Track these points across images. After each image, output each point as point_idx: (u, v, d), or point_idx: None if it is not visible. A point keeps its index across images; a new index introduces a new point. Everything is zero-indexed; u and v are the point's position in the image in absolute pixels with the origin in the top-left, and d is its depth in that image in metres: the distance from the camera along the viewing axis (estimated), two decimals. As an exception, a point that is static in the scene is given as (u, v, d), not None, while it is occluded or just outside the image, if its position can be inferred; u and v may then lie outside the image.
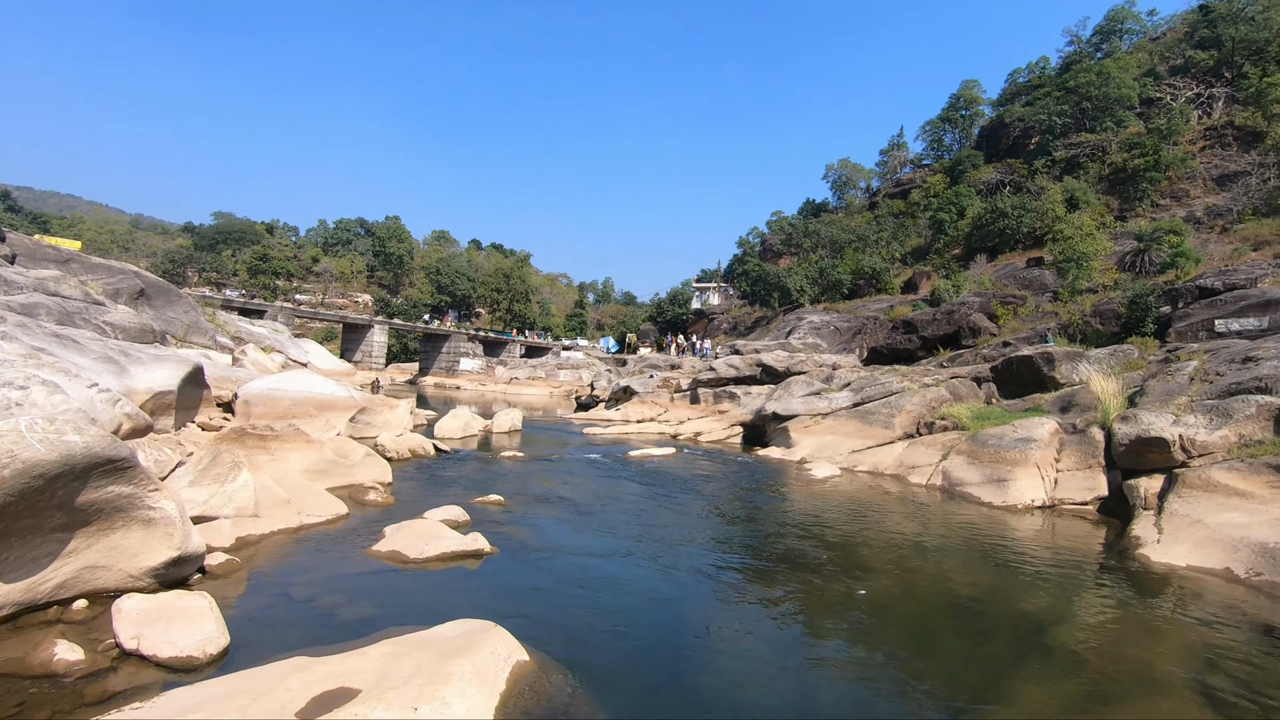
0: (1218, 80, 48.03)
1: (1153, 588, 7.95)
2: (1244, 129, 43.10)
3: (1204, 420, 11.51)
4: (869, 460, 15.96)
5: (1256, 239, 33.73)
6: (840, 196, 74.67)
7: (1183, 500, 9.80)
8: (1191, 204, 41.06)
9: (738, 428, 21.77)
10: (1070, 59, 61.12)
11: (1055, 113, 50.86)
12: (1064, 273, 34.99)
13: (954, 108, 67.56)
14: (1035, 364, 19.47)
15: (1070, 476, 12.44)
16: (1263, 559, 7.50)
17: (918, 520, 11.28)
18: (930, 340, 33.09)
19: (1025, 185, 48.49)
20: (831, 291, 45.44)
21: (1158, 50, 55.26)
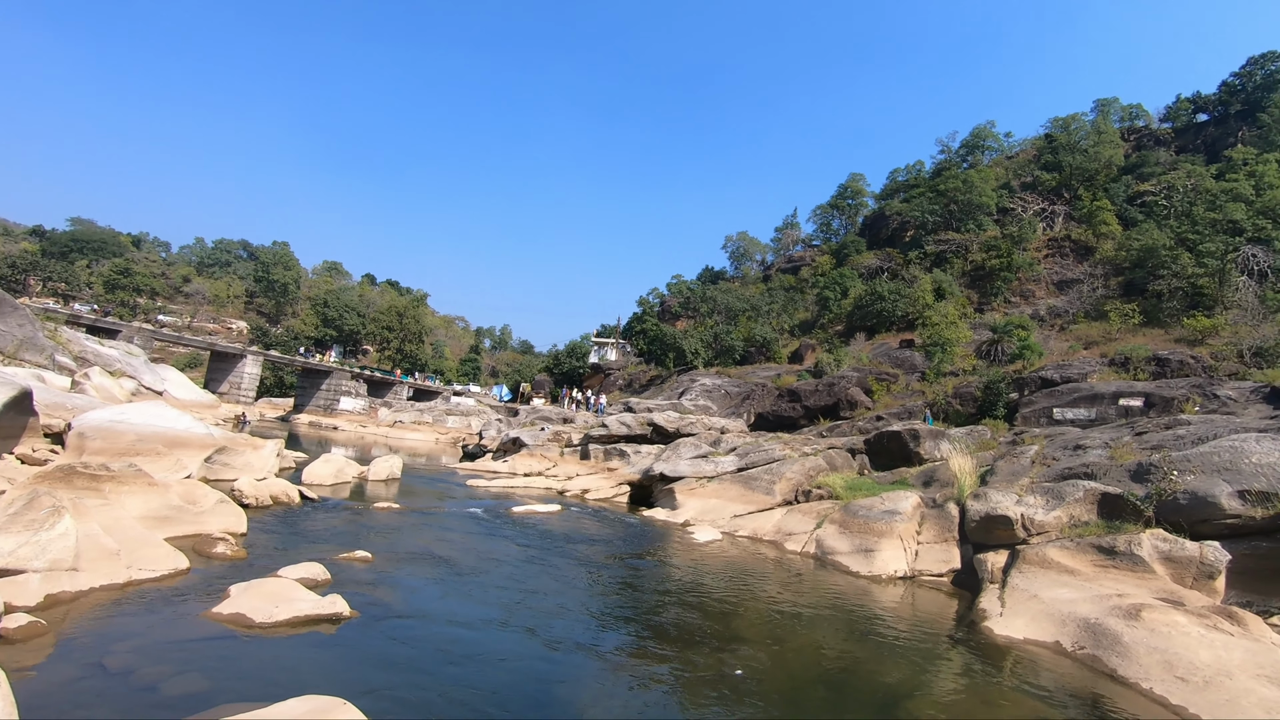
0: (1059, 199, 55.25)
1: (995, 659, 8.54)
2: (1079, 243, 49.58)
3: (1042, 501, 12.72)
4: (750, 525, 16.35)
5: (1087, 339, 38.43)
6: (737, 267, 78.48)
7: (1022, 575, 10.69)
8: (1037, 303, 46.38)
9: (625, 486, 21.75)
10: (941, 165, 68.51)
11: (928, 211, 56.46)
12: (931, 356, 38.15)
13: (842, 196, 73.51)
14: (903, 439, 20.89)
15: (929, 549, 13.29)
16: (1086, 633, 8.26)
17: (792, 589, 11.60)
18: (812, 410, 34.81)
19: (901, 273, 53.02)
20: (724, 356, 47.11)
21: (1012, 167, 63.02)
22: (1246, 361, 30.51)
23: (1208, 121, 58.38)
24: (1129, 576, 10.38)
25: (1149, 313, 39.06)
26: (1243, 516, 11.12)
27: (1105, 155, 55.00)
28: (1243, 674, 6.80)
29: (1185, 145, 56.79)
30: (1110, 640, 7.91)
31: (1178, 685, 6.81)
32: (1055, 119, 61.91)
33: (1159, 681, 6.96)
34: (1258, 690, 6.52)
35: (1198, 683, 6.76)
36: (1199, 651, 7.24)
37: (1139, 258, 42.10)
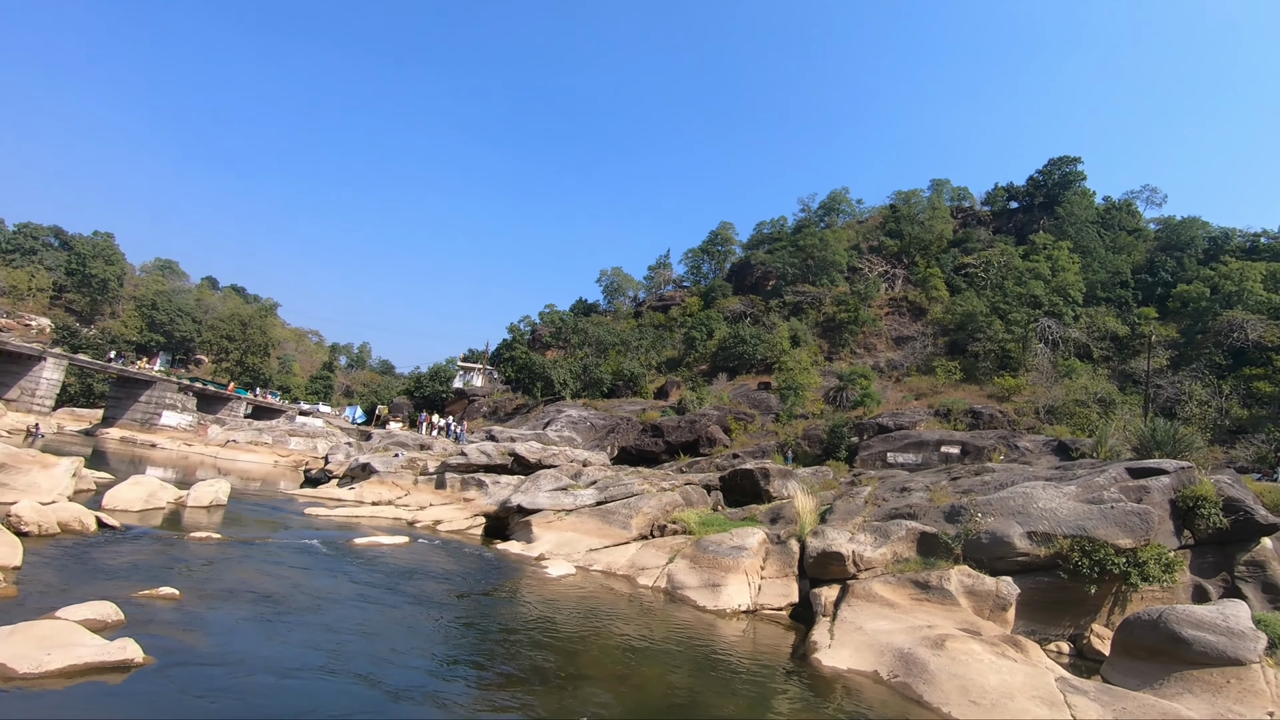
0: (900, 263, 61.47)
1: (821, 690, 9.07)
2: (914, 304, 55.24)
3: (871, 539, 13.82)
4: (605, 560, 16.36)
5: (918, 390, 42.61)
6: (610, 301, 79.70)
7: (851, 609, 11.50)
8: (878, 355, 50.90)
9: (481, 518, 21.04)
10: (802, 223, 74.11)
11: (788, 263, 60.66)
12: (785, 399, 40.58)
13: (713, 242, 77.25)
14: (755, 477, 21.95)
15: (772, 583, 13.96)
16: (900, 662, 9.01)
17: (641, 624, 11.69)
18: (674, 445, 35.74)
19: (762, 319, 56.29)
20: (592, 388, 47.39)
21: (862, 231, 69.42)
22: (1041, 418, 35.19)
23: (1018, 209, 67.70)
24: (939, 609, 11.48)
25: (968, 370, 44.09)
26: (1030, 555, 12.71)
27: (938, 229, 62.10)
28: (1022, 695, 7.70)
29: (1000, 227, 65.40)
30: (919, 668, 8.67)
31: (971, 708, 7.58)
32: (899, 192, 69.15)
33: (956, 705, 7.70)
34: (1032, 709, 7.41)
35: (986, 705, 7.57)
36: (989, 676, 8.13)
37: (961, 321, 47.54)
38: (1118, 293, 50.58)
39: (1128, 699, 7.81)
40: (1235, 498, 13.87)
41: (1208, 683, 8.14)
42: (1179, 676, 8.57)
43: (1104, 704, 7.58)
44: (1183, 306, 45.97)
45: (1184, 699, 7.98)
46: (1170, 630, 8.97)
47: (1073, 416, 33.57)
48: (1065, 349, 44.08)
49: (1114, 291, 50.66)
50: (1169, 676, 8.68)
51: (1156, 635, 9.13)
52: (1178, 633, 8.87)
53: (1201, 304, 44.46)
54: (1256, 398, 35.24)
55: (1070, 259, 51.93)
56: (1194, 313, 44.41)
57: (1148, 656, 9.18)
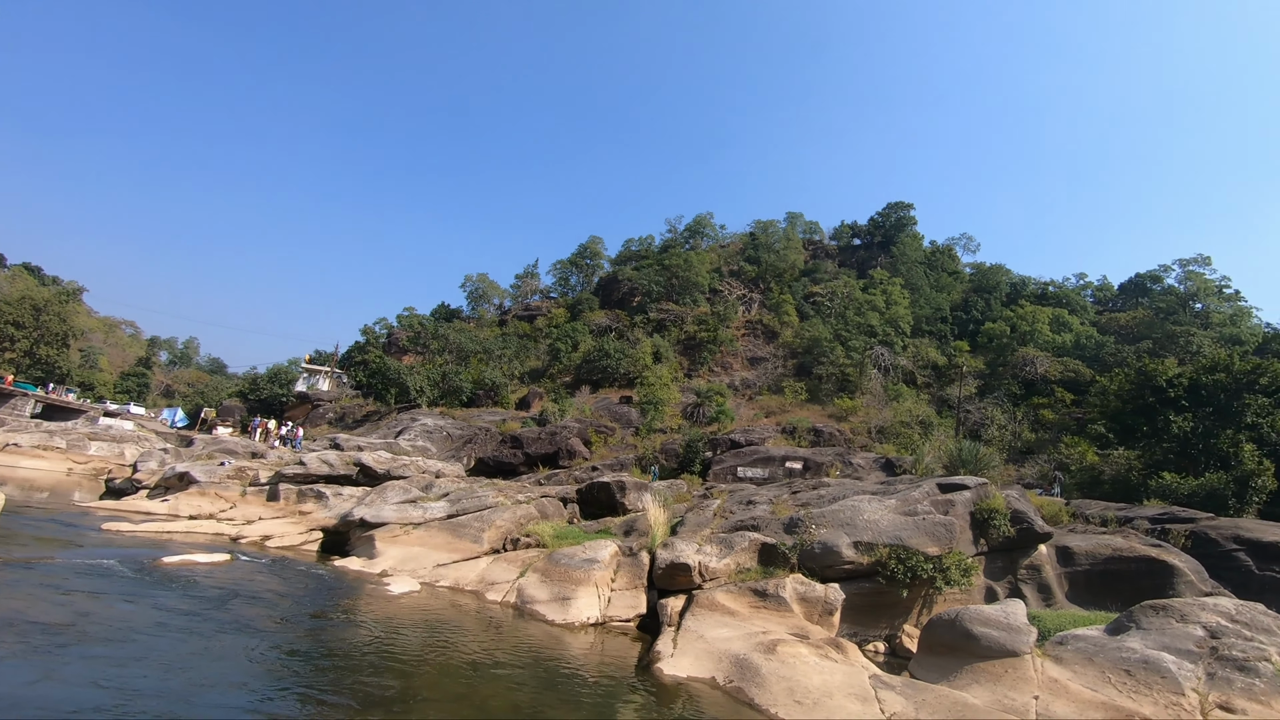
0: (756, 288, 65.19)
1: (662, 698, 9.30)
2: (768, 327, 58.74)
3: (717, 550, 14.43)
4: (453, 575, 15.78)
5: (768, 408, 45.23)
6: (474, 307, 77.64)
7: (694, 618, 11.92)
8: (733, 374, 53.48)
9: (318, 533, 19.52)
10: (668, 243, 76.60)
11: (654, 281, 62.36)
12: (645, 413, 41.48)
13: (581, 255, 77.73)
14: (611, 490, 22.20)
15: (622, 595, 14.15)
16: (735, 668, 9.47)
17: (487, 641, 11.38)
18: (534, 457, 35.30)
19: (627, 334, 57.30)
20: (451, 397, 45.75)
21: (724, 255, 72.91)
22: (873, 437, 38.62)
23: (860, 245, 74.26)
24: (775, 615, 12.20)
25: (812, 391, 47.48)
26: (855, 563, 13.85)
27: (791, 258, 66.66)
28: (840, 693, 8.37)
29: (845, 261, 71.37)
30: (752, 673, 9.16)
31: (796, 708, 8.12)
32: (758, 221, 73.45)
33: (783, 706, 8.21)
34: (848, 706, 8.07)
35: (809, 704, 8.14)
36: (813, 677, 8.76)
37: (809, 346, 51.17)
38: (938, 327, 56.80)
39: (927, 691, 8.73)
40: (1020, 510, 15.99)
41: (990, 673, 9.29)
42: (969, 669, 9.68)
43: (907, 697, 8.42)
44: (989, 342, 52.49)
45: (972, 689, 9.05)
46: (964, 628, 10.13)
47: (899, 436, 37.11)
48: (895, 375, 48.76)
49: (936, 325, 56.83)
50: (962, 669, 9.78)
51: (953, 633, 10.28)
52: (969, 630, 10.04)
53: (1003, 340, 51.03)
54: (1042, 423, 40.90)
55: (902, 294, 57.65)
56: (997, 348, 50.85)
57: (946, 652, 10.28)
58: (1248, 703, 8.55)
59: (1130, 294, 61.16)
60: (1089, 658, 9.45)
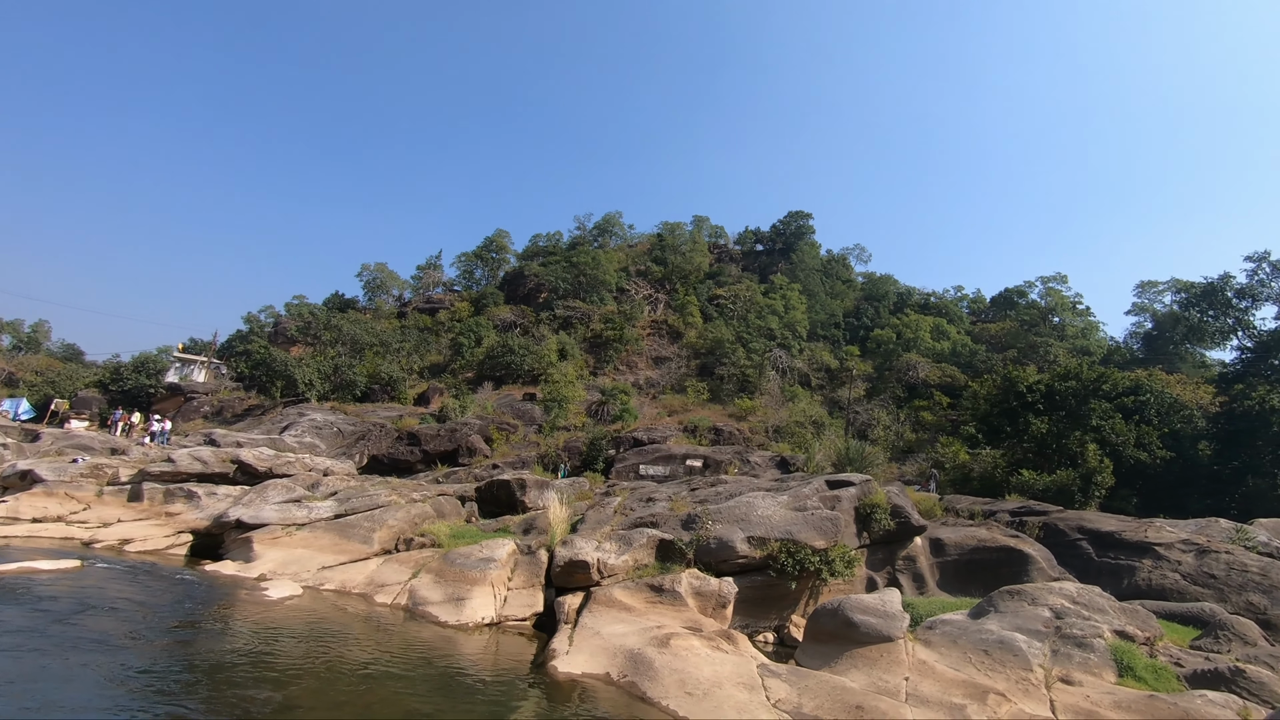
0: (663, 289, 66.19)
1: (555, 696, 9.27)
2: (673, 328, 59.75)
3: (615, 547, 14.52)
4: (339, 578, 15.02)
5: (671, 408, 46.01)
6: (371, 298, 74.21)
7: (591, 615, 11.95)
8: (638, 373, 54.03)
9: (187, 536, 18.01)
10: (576, 240, 76.40)
11: (561, 278, 61.99)
12: (549, 410, 41.15)
13: (487, 249, 76.06)
14: (511, 488, 21.87)
15: (518, 594, 13.97)
16: (630, 663, 9.58)
17: (373, 645, 10.92)
18: (432, 455, 34.22)
19: (532, 330, 56.63)
20: (344, 391, 43.54)
21: (631, 255, 73.58)
22: (770, 436, 40.12)
23: (762, 251, 77.00)
24: (670, 610, 12.43)
25: (714, 391, 48.73)
26: (748, 557, 14.34)
27: (697, 261, 68.14)
28: (729, 683, 8.65)
29: (748, 265, 73.77)
30: (645, 666, 9.30)
31: (686, 699, 8.32)
32: (665, 223, 74.67)
33: (674, 698, 8.39)
34: (736, 695, 8.36)
35: (699, 695, 8.36)
36: (703, 668, 9.01)
37: (711, 347, 52.48)
38: (833, 332, 59.81)
39: (810, 677, 9.19)
40: (899, 505, 17.09)
41: (867, 657, 9.89)
42: (849, 654, 10.26)
43: (791, 684, 8.82)
44: (877, 347, 55.78)
45: (850, 673, 9.60)
46: (845, 616, 10.73)
47: (793, 435, 38.74)
48: (791, 377, 50.89)
49: (830, 330, 59.81)
50: (843, 655, 10.35)
51: (835, 621, 10.86)
52: (850, 618, 10.64)
53: (890, 346, 54.38)
54: (922, 424, 43.92)
55: (800, 300, 60.24)
56: (884, 353, 54.12)
57: (829, 639, 10.84)
58: (1084, 675, 9.55)
59: (1000, 306, 66.76)
60: (953, 640, 10.25)
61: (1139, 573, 16.47)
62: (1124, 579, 16.38)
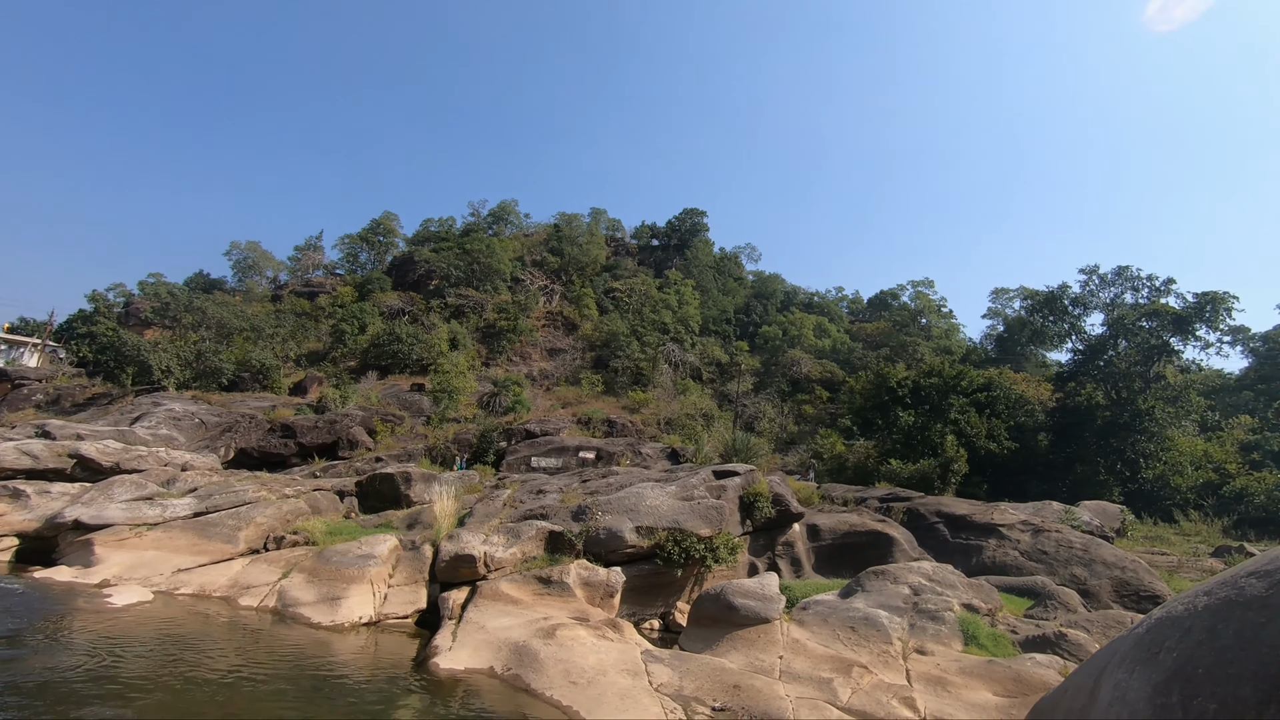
0: (559, 280, 65.64)
1: (439, 694, 9.03)
2: (568, 319, 59.47)
3: (504, 540, 14.31)
4: (198, 581, 13.85)
5: (565, 400, 45.83)
6: (241, 279, 68.58)
7: (477, 609, 11.72)
8: (532, 364, 53.39)
9: (13, 540, 15.96)
10: (470, 227, 74.20)
11: (454, 265, 60.04)
12: (439, 402, 39.83)
13: (374, 231, 72.28)
14: (396, 482, 21.03)
15: (400, 591, 13.47)
16: (514, 655, 9.50)
17: (237, 652, 10.18)
18: (309, 448, 32.22)
19: (422, 319, 54.49)
20: (208, 379, 40.01)
21: (528, 244, 72.39)
22: (662, 428, 40.89)
23: (658, 246, 78.06)
24: (558, 601, 12.42)
25: (608, 383, 49.01)
26: (637, 546, 14.57)
27: (594, 253, 68.11)
28: (613, 671, 8.78)
29: (644, 260, 74.59)
30: (530, 658, 9.26)
31: (570, 688, 8.36)
32: (562, 214, 74.02)
33: (559, 688, 8.41)
34: (620, 681, 8.50)
35: (583, 683, 8.43)
36: (589, 657, 9.09)
37: (606, 339, 52.73)
38: (724, 327, 61.73)
39: (691, 660, 9.49)
40: (780, 494, 17.95)
41: (746, 639, 10.35)
42: (730, 637, 10.69)
43: (674, 667, 9.08)
44: (765, 343, 58.15)
45: (730, 655, 10.01)
46: (727, 601, 11.16)
47: (684, 427, 39.69)
48: (684, 370, 52.07)
49: (721, 326, 61.69)
50: (724, 638, 10.76)
51: (718, 606, 11.27)
52: (731, 602, 11.08)
53: (776, 342, 56.84)
54: (804, 417, 46.32)
55: (693, 295, 61.70)
56: (771, 349, 56.51)
57: (711, 624, 11.24)
58: (936, 645, 10.47)
59: (876, 307, 71.45)
60: (824, 619, 10.92)
61: (985, 551, 18.24)
62: (973, 557, 18.08)
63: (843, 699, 8.57)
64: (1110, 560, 16.81)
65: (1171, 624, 2.85)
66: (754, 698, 8.23)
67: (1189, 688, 2.49)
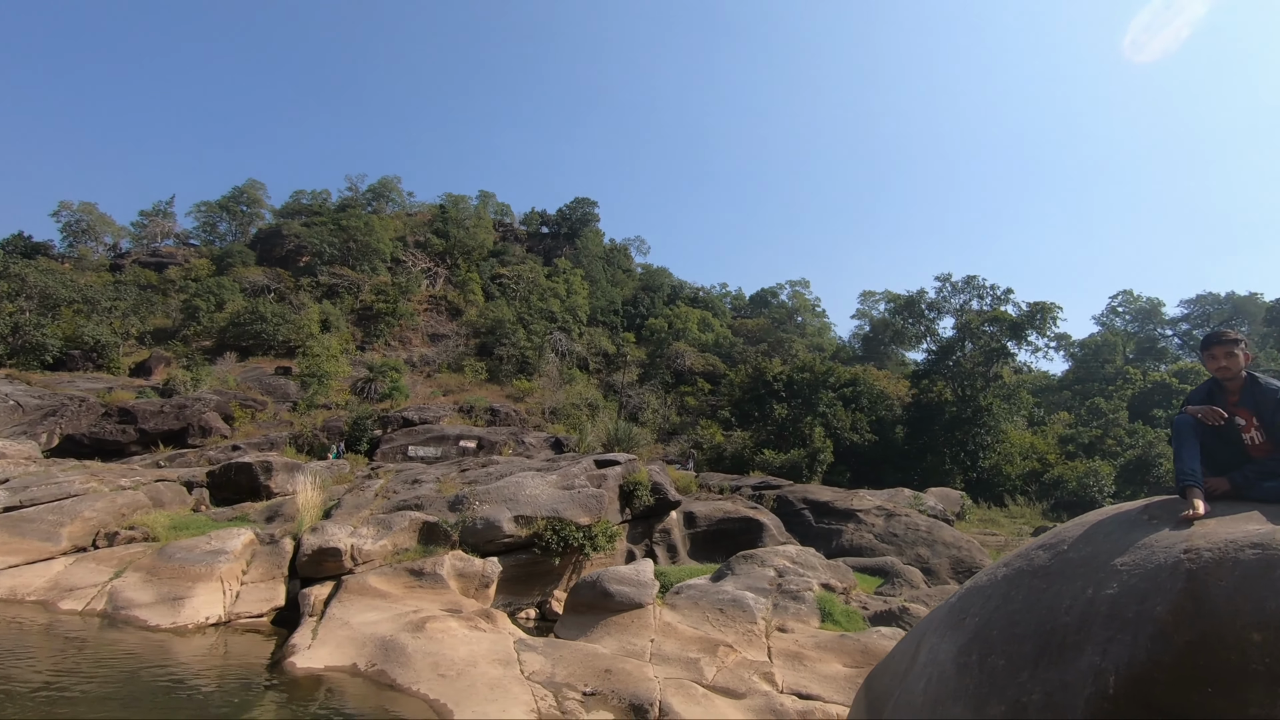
0: (443, 263, 63.30)
1: (296, 695, 8.53)
2: (452, 304, 57.57)
3: (373, 531, 13.71)
4: (8, 584, 12.19)
5: (447, 387, 44.43)
6: (72, 244, 60.65)
7: (341, 605, 11.17)
8: (412, 350, 51.26)
9: None
10: (347, 202, 69.93)
11: (328, 242, 56.33)
12: (307, 386, 37.36)
13: (235, 199, 66.32)
14: (254, 471, 19.53)
15: (254, 588, 12.56)
16: (380, 651, 9.14)
17: (56, 661, 9.11)
18: (153, 435, 29.23)
19: (290, 297, 50.73)
20: (27, 356, 35.20)
21: (410, 224, 69.24)
22: (547, 417, 40.63)
23: (548, 234, 77.22)
24: (430, 594, 12.08)
25: (493, 371, 48.02)
26: (515, 536, 14.44)
27: (481, 237, 66.29)
28: (484, 661, 8.67)
29: (533, 247, 73.52)
30: (397, 653, 8.95)
31: (439, 682, 8.18)
32: (449, 195, 71.44)
33: (426, 682, 8.20)
34: (491, 671, 8.42)
35: (453, 676, 8.27)
36: (459, 649, 8.92)
37: (492, 326, 51.60)
38: (611, 318, 62.16)
39: (565, 648, 9.57)
40: (659, 483, 18.40)
41: (620, 625, 10.56)
42: (604, 623, 10.85)
43: (547, 655, 9.11)
44: (651, 335, 59.18)
45: (603, 640, 10.18)
46: (603, 587, 11.32)
47: (569, 417, 39.68)
48: (570, 360, 51.96)
49: (609, 317, 62.08)
50: (599, 624, 10.91)
51: (594, 593, 11.40)
52: (607, 589, 11.25)
53: (662, 335, 57.99)
54: (687, 408, 47.63)
55: (582, 285, 61.63)
56: (657, 341, 57.60)
57: (587, 611, 11.36)
58: (796, 623, 11.17)
59: (756, 304, 74.59)
60: (695, 602, 11.35)
61: (844, 534, 19.63)
62: (834, 540, 19.41)
63: (708, 677, 8.96)
64: (949, 541, 18.63)
65: (976, 593, 3.25)
66: (624, 680, 8.42)
67: (985, 647, 2.85)
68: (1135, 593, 2.61)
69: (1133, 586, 2.64)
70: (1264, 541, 2.54)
